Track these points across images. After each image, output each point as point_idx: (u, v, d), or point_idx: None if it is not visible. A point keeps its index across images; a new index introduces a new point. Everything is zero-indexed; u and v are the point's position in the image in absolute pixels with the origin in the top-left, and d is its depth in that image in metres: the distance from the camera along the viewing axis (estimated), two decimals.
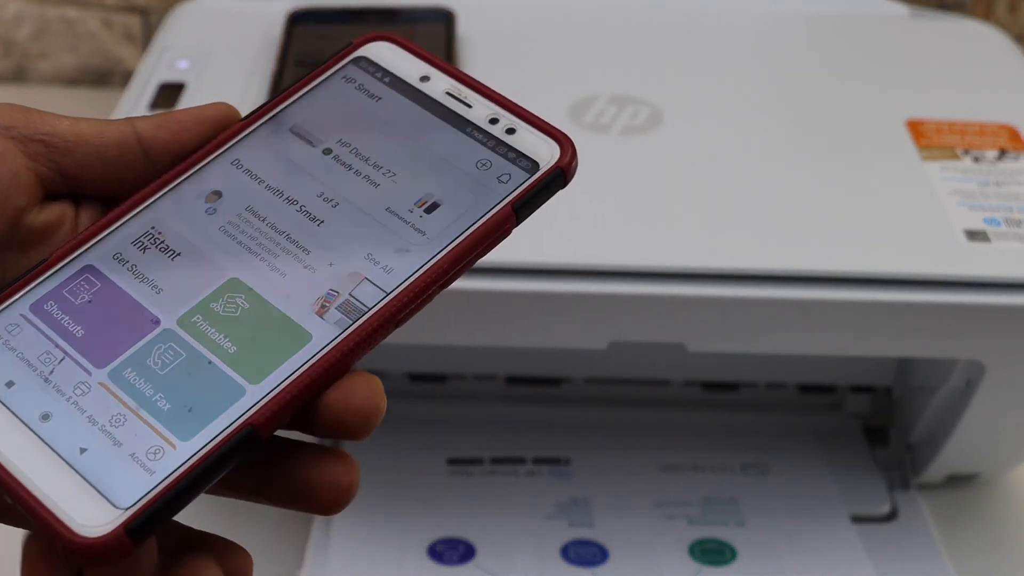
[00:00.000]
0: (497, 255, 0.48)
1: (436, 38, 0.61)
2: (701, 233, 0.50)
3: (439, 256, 0.29)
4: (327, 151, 0.31)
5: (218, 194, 0.30)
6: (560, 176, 0.30)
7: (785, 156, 0.55)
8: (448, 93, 0.32)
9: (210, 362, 0.27)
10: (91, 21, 0.88)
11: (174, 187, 0.30)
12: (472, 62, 0.60)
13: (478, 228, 0.29)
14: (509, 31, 0.63)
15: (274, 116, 0.31)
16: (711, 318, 0.50)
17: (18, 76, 0.91)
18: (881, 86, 0.60)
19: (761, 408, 0.64)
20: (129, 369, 0.27)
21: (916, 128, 0.57)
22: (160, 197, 0.30)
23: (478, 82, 0.32)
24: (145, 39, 0.88)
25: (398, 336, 0.52)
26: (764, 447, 0.62)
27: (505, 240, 0.31)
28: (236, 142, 0.31)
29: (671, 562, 0.56)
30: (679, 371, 0.63)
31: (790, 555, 0.56)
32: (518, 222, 0.30)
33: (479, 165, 0.30)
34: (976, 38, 0.66)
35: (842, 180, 0.53)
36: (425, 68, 0.32)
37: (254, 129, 0.31)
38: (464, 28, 0.62)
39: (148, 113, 0.57)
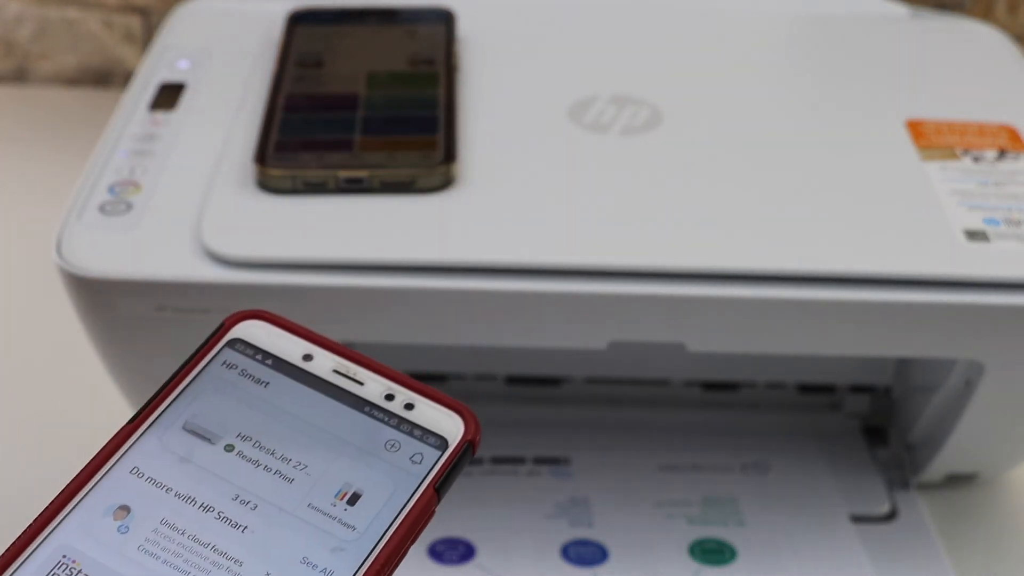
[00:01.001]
0: (497, 255, 0.49)
1: (436, 38, 0.61)
2: (701, 233, 0.50)
3: (377, 550, 0.28)
4: (229, 447, 0.29)
5: (126, 509, 0.28)
6: (470, 449, 0.29)
7: (785, 156, 0.55)
8: (336, 371, 0.31)
9: None
10: (92, 21, 0.88)
11: (76, 505, 0.28)
12: (472, 62, 0.60)
13: (407, 514, 0.28)
14: (509, 31, 0.63)
15: (163, 414, 0.30)
16: (711, 318, 0.50)
17: (19, 76, 0.91)
18: (880, 86, 0.60)
19: (761, 408, 0.64)
20: None
21: (916, 128, 0.57)
22: (65, 518, 0.28)
23: (362, 356, 0.31)
24: (145, 39, 0.88)
25: (398, 337, 0.52)
26: (764, 447, 0.62)
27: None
28: (130, 447, 0.29)
29: (671, 562, 0.56)
30: (679, 371, 0.63)
31: (790, 555, 0.56)
32: (439, 501, 0.29)
33: (388, 447, 0.29)
34: (976, 38, 0.66)
35: (842, 180, 0.54)
36: (305, 346, 0.31)
37: (145, 431, 0.29)
38: (464, 28, 0.62)
39: (149, 114, 0.58)
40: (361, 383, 0.30)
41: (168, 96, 0.59)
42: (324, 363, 0.31)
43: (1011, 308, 0.49)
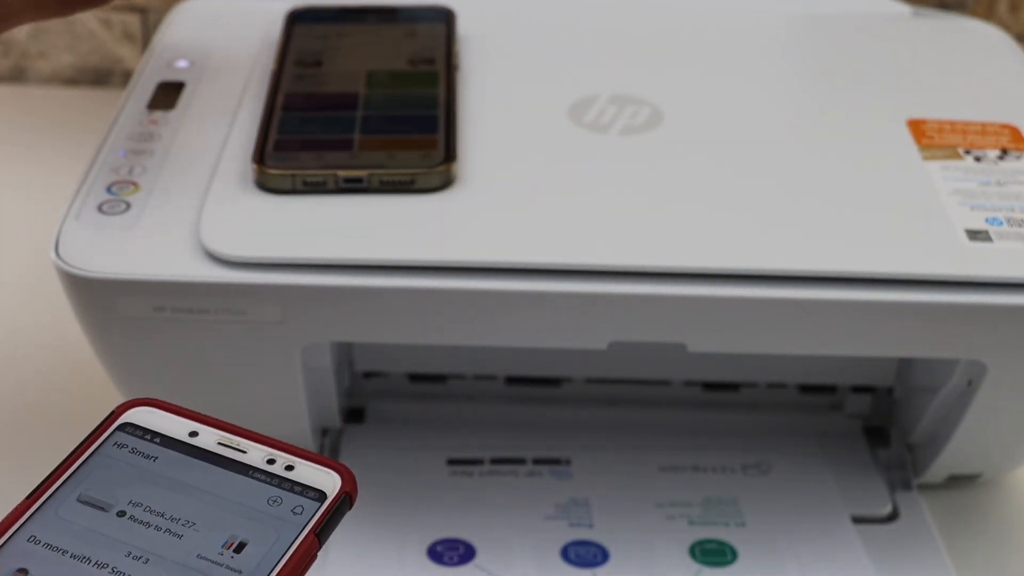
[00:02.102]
0: (497, 255, 0.49)
1: (436, 37, 0.61)
2: (701, 233, 0.50)
3: None
4: (121, 513, 0.32)
5: (24, 572, 0.30)
6: (348, 500, 0.33)
7: (785, 156, 0.55)
8: (220, 443, 0.33)
9: None
10: (90, 20, 0.88)
11: None
12: (472, 62, 0.60)
13: (291, 557, 0.31)
14: (509, 31, 0.63)
15: (58, 490, 0.32)
16: (711, 318, 0.50)
17: (17, 76, 0.90)
18: (882, 85, 0.60)
19: (761, 408, 0.64)
20: None
21: (917, 127, 0.57)
22: None
23: (245, 429, 0.34)
24: (144, 38, 0.88)
25: (398, 337, 0.52)
26: (765, 447, 0.62)
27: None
28: (27, 519, 0.31)
29: (671, 562, 0.55)
30: (679, 371, 0.63)
31: (791, 556, 0.56)
32: (320, 545, 0.32)
33: (271, 502, 0.32)
34: (978, 37, 0.66)
35: (843, 180, 0.53)
36: (191, 424, 0.34)
37: (41, 505, 0.32)
38: (464, 28, 0.62)
39: (147, 114, 0.57)
40: (244, 451, 0.33)
41: (167, 95, 0.59)
42: (209, 437, 0.34)
43: (1013, 308, 0.49)
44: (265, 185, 0.51)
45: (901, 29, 0.66)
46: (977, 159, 0.55)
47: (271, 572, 0.31)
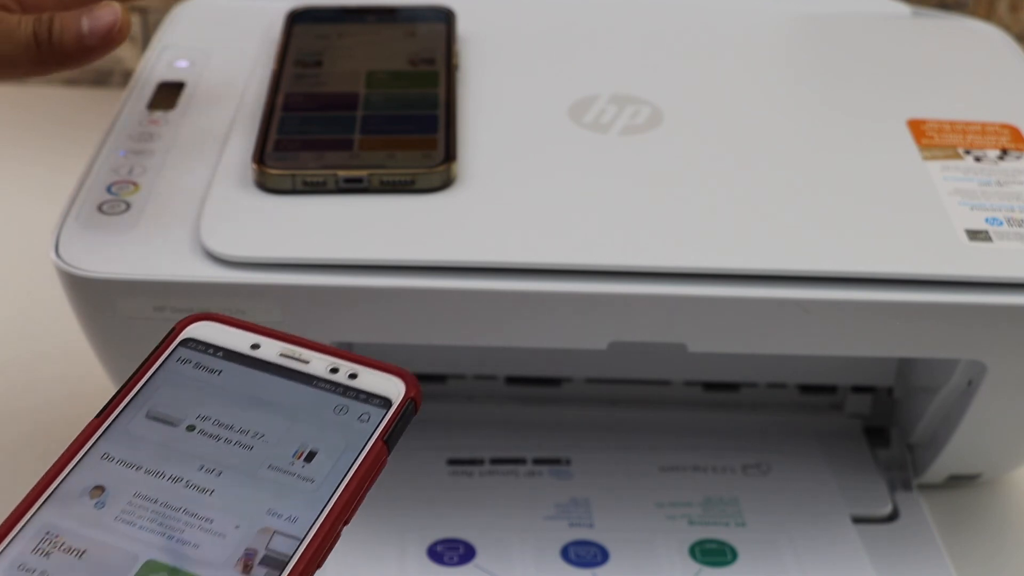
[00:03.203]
0: (497, 255, 0.49)
1: (436, 37, 0.61)
2: (701, 233, 0.50)
3: (335, 496, 0.31)
4: (190, 427, 0.32)
5: (101, 488, 0.31)
6: (413, 405, 0.33)
7: (785, 156, 0.55)
8: (282, 355, 0.34)
9: None
10: None
11: (53, 492, 0.31)
12: (472, 61, 0.60)
13: (360, 465, 0.31)
14: (509, 31, 0.63)
15: (125, 408, 0.32)
16: (711, 318, 0.50)
17: None
18: (882, 85, 0.60)
19: (762, 408, 0.64)
20: None
21: (917, 127, 0.57)
22: (43, 504, 0.30)
23: (306, 340, 0.34)
24: (145, 38, 0.88)
25: (398, 337, 0.52)
26: (765, 447, 0.62)
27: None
28: (98, 438, 0.32)
29: (672, 562, 0.55)
30: (679, 371, 0.63)
31: (791, 556, 0.56)
32: (389, 452, 0.32)
33: (337, 411, 0.33)
34: (978, 37, 0.66)
35: (843, 180, 0.53)
36: (253, 337, 0.34)
37: (111, 423, 0.32)
38: (464, 28, 0.62)
39: (148, 114, 0.57)
40: (307, 361, 0.33)
41: (167, 95, 0.59)
42: (271, 349, 0.34)
43: (1013, 308, 0.48)
44: (265, 185, 0.51)
45: (901, 29, 0.66)
46: (977, 159, 0.55)
47: (342, 479, 0.31)
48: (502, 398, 0.63)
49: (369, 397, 0.33)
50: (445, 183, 0.52)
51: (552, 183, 0.53)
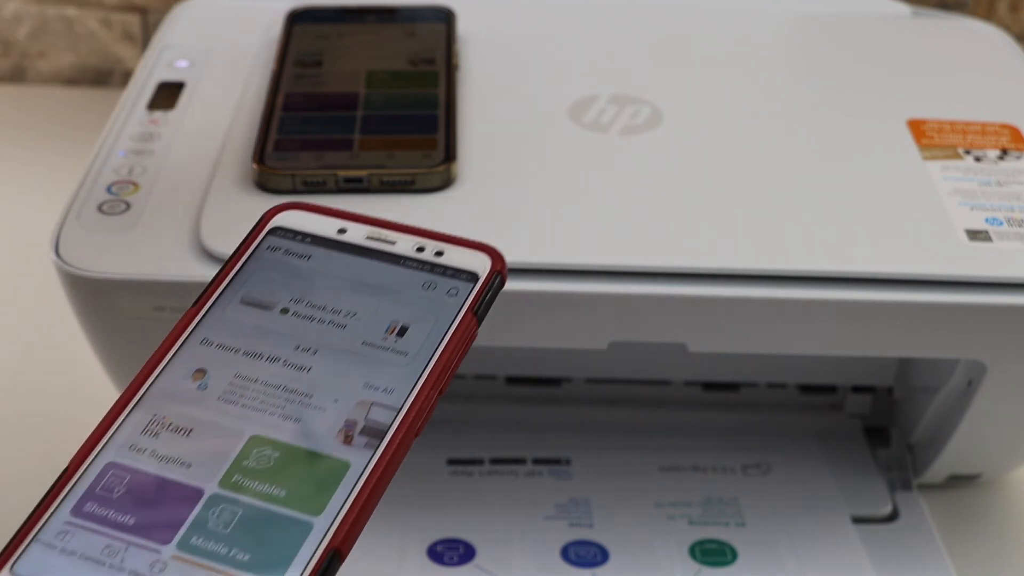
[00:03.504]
0: None
1: (436, 37, 0.61)
2: (701, 233, 0.50)
3: (428, 367, 0.32)
4: (284, 310, 0.33)
5: (203, 372, 0.32)
6: (499, 278, 0.34)
7: (785, 156, 0.55)
8: (369, 237, 0.35)
9: (268, 509, 0.29)
10: (90, 20, 0.88)
11: (156, 378, 0.32)
12: (472, 61, 0.60)
13: (452, 336, 0.33)
14: (509, 31, 0.63)
15: (220, 296, 0.34)
16: (711, 318, 0.50)
17: (17, 75, 0.90)
18: (882, 85, 0.60)
19: (762, 408, 0.63)
20: (195, 537, 0.29)
21: (917, 127, 0.57)
22: (147, 390, 0.32)
23: (392, 222, 0.35)
24: (144, 38, 0.88)
25: None
26: (765, 447, 0.62)
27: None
28: (196, 325, 0.33)
29: (671, 562, 0.55)
30: (679, 371, 0.63)
31: (791, 556, 0.56)
32: (479, 323, 0.33)
33: (425, 287, 0.34)
34: (978, 37, 0.66)
35: (843, 180, 0.53)
36: (339, 223, 0.35)
37: (207, 311, 0.33)
38: (464, 28, 0.62)
39: (148, 114, 0.57)
40: (393, 242, 0.34)
41: (167, 95, 0.59)
42: (357, 233, 0.35)
43: (1013, 308, 0.48)
44: (265, 185, 0.51)
45: (901, 29, 0.66)
46: (977, 159, 0.55)
47: (435, 351, 0.32)
48: (502, 398, 0.63)
49: (456, 272, 0.34)
50: (445, 183, 0.52)
51: (552, 183, 0.53)
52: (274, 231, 0.35)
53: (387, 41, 0.60)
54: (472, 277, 0.34)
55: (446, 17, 0.62)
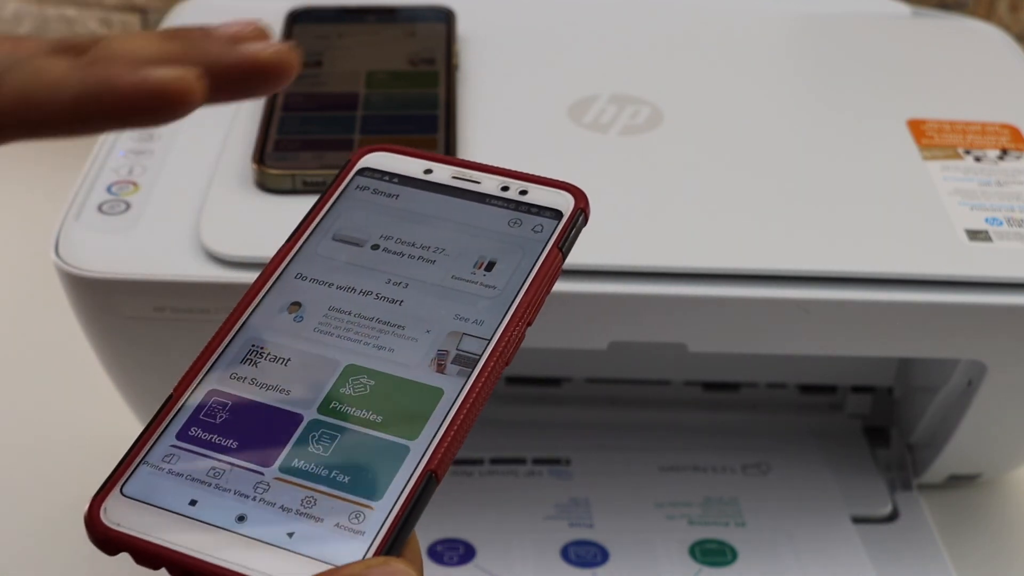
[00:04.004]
0: None
1: (436, 37, 0.61)
2: (701, 233, 0.50)
3: (517, 299, 0.33)
4: (375, 247, 0.34)
5: (298, 304, 0.33)
6: (583, 215, 0.35)
7: (785, 156, 0.55)
8: (455, 177, 0.36)
9: (366, 433, 0.30)
10: (90, 20, 0.88)
11: (254, 309, 0.33)
12: (472, 62, 0.60)
13: (539, 270, 0.33)
14: (509, 31, 0.63)
15: (312, 233, 0.35)
16: (711, 318, 0.50)
17: None
18: (882, 85, 0.60)
19: (761, 408, 0.63)
20: (296, 460, 0.30)
21: (917, 127, 0.57)
22: (247, 320, 0.33)
23: (477, 163, 0.36)
24: None
25: None
26: (765, 447, 0.62)
27: None
28: (289, 261, 0.34)
29: (671, 562, 0.55)
30: (679, 371, 0.63)
31: (791, 556, 0.56)
32: (564, 258, 0.34)
33: (511, 224, 0.34)
34: (978, 37, 0.66)
35: (843, 180, 0.53)
36: (425, 163, 0.36)
37: (300, 248, 0.34)
38: (464, 28, 0.62)
39: None
40: (478, 182, 0.35)
41: None
42: (443, 173, 0.36)
43: (1013, 308, 0.48)
44: (265, 185, 0.51)
45: (901, 29, 0.66)
46: (977, 159, 0.55)
47: (523, 284, 0.33)
48: (502, 398, 0.63)
49: (541, 210, 0.35)
50: None
51: None
52: (362, 171, 0.36)
53: (387, 41, 0.60)
54: (556, 214, 0.35)
55: (446, 17, 0.62)
